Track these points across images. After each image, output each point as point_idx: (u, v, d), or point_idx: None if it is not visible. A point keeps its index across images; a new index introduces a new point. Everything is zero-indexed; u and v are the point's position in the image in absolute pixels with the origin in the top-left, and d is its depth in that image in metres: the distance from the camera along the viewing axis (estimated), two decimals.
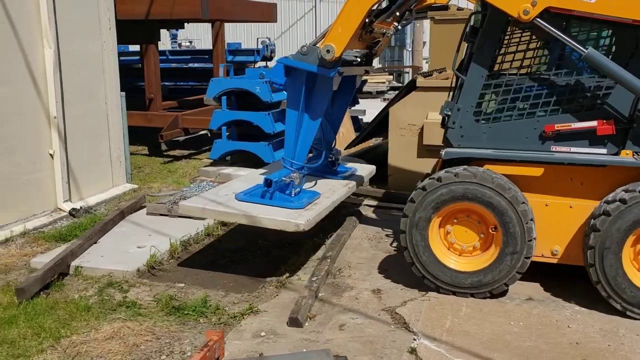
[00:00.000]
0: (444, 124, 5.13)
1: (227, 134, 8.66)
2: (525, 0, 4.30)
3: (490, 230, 4.59)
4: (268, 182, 5.11)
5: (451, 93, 5.36)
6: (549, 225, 4.57)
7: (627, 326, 4.24)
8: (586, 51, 4.23)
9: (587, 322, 4.30)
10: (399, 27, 5.38)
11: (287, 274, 5.17)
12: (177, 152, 10.92)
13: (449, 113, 4.83)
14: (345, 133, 10.39)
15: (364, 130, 8.21)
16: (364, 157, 8.47)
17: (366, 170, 6.81)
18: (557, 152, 4.55)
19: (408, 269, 4.77)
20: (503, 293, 4.64)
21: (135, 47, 13.33)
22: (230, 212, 5.05)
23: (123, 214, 6.59)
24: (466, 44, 5.13)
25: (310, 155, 5.86)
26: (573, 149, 4.53)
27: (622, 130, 4.41)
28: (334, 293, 4.85)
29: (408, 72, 22.32)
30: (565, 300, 4.60)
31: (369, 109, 13.07)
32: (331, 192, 5.70)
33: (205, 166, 9.29)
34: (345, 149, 8.58)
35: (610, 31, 4.56)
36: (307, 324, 4.28)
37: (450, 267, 4.63)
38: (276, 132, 8.52)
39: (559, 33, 4.33)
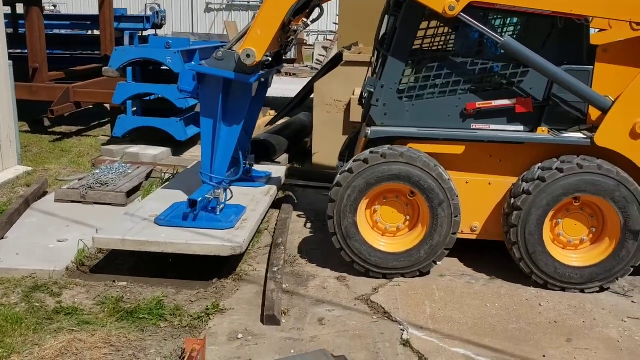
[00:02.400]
0: (361, 102, 5.00)
1: (134, 109, 7.85)
2: None
3: (409, 196, 4.51)
4: (192, 203, 4.54)
5: (371, 69, 5.24)
6: (469, 202, 4.62)
7: (590, 301, 4.38)
8: (503, 39, 4.30)
9: (554, 299, 4.38)
10: (309, 22, 5.09)
11: (240, 265, 4.75)
12: (64, 129, 9.81)
13: (372, 90, 4.68)
14: None
15: (286, 106, 7.85)
16: (282, 133, 8.12)
17: (281, 171, 6.47)
18: (478, 129, 4.60)
19: None
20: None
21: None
22: (154, 241, 4.38)
23: (28, 202, 5.72)
24: (388, 18, 5.00)
25: None
26: (492, 127, 4.61)
27: (539, 108, 4.57)
28: (298, 283, 4.53)
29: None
30: (523, 277, 4.62)
31: None
32: (255, 203, 5.31)
33: (104, 144, 8.42)
34: (266, 125, 8.17)
35: (526, 20, 4.73)
36: (283, 321, 3.93)
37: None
38: (188, 106, 7.88)
39: (480, 26, 4.37)
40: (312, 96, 7.58)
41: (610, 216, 4.39)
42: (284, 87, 15.38)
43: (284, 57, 5.81)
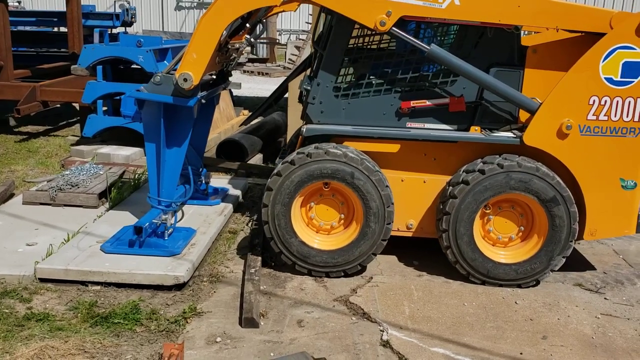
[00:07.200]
0: (301, 99, 5.01)
1: (104, 108, 7.69)
2: (379, 11, 4.29)
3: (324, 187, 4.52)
4: (138, 230, 4.47)
5: (310, 67, 5.25)
6: (404, 200, 4.66)
7: (564, 298, 4.44)
8: (429, 48, 4.35)
9: (529, 296, 4.43)
10: (252, 39, 5.04)
11: (217, 266, 4.68)
12: (30, 129, 9.57)
13: (309, 88, 4.71)
14: (225, 107, 9.87)
15: (260, 106, 7.79)
16: (256, 132, 8.08)
17: (239, 186, 6.40)
18: (413, 128, 4.66)
19: None
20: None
21: None
22: (97, 271, 4.28)
23: None
24: (325, 16, 5.01)
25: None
26: (427, 125, 4.67)
27: (472, 107, 4.65)
28: (276, 285, 4.48)
29: (264, 44, 21.90)
30: None
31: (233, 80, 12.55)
32: (207, 225, 5.24)
33: (73, 144, 8.24)
34: (240, 125, 8.10)
35: (455, 28, 4.79)
36: (262, 323, 3.89)
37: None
38: None
39: (411, 38, 4.40)
40: (286, 96, 7.54)
41: (524, 200, 4.45)
42: (256, 86, 15.34)
43: (257, 57, 5.77)
